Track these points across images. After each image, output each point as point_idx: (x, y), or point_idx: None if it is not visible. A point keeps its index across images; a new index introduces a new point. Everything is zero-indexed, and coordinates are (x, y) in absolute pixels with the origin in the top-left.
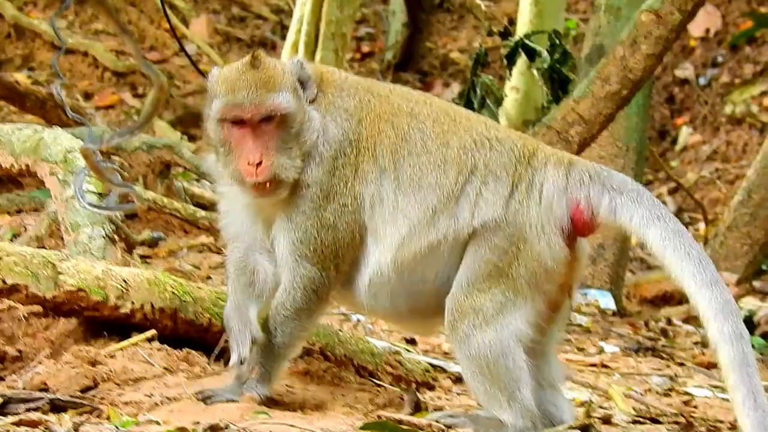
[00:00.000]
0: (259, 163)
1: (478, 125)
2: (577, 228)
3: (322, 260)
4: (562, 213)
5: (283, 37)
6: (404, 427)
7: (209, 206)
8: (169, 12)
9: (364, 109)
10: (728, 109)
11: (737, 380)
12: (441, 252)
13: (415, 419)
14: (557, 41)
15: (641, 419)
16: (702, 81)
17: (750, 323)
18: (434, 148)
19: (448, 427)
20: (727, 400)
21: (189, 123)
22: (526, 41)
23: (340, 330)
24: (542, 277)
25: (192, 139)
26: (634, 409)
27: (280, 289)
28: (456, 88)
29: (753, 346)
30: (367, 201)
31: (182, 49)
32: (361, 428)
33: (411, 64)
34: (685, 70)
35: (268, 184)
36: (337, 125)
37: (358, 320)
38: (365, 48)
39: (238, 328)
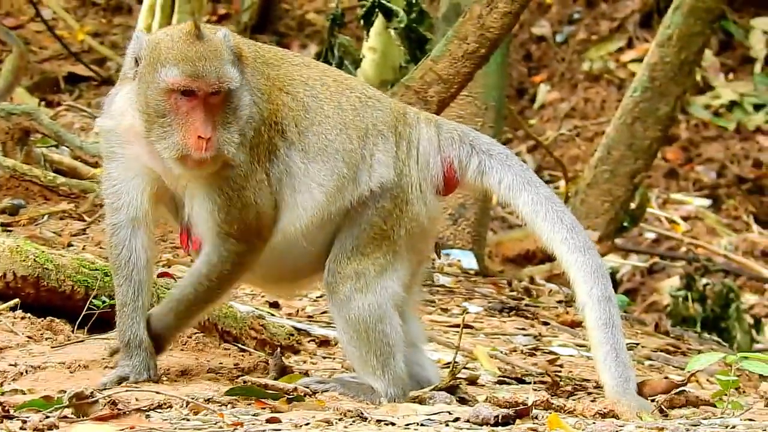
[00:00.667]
0: (209, 139)
1: (356, 84)
2: (446, 187)
3: (247, 236)
4: (437, 172)
5: (140, 1)
6: (270, 391)
7: (69, 173)
8: None
9: (267, 83)
10: (585, 65)
11: (601, 338)
12: (338, 216)
13: (281, 384)
14: (414, 1)
15: (507, 379)
16: (559, 38)
17: (612, 281)
18: (331, 112)
19: (315, 392)
20: (592, 358)
21: (46, 89)
22: (383, 1)
23: None
24: (418, 237)
25: (50, 105)
26: (499, 369)
27: (201, 260)
28: (313, 49)
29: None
30: (281, 174)
31: (38, 14)
32: (227, 393)
33: (268, 26)
34: (542, 28)
35: (205, 161)
36: (254, 104)
37: None
38: (221, 10)
39: (133, 314)
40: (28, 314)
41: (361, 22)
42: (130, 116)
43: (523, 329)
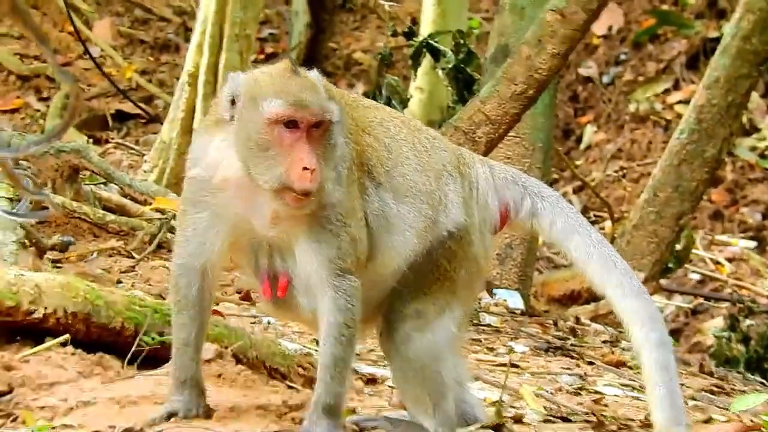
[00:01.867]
0: (313, 170)
1: (420, 126)
2: (498, 228)
3: (358, 270)
4: (495, 212)
5: (187, 39)
6: None
7: (117, 210)
8: (72, 14)
9: (352, 124)
10: (632, 107)
11: (658, 380)
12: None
13: None
14: (461, 41)
15: (552, 418)
16: (605, 79)
17: None
18: (410, 154)
19: (363, 429)
20: (637, 398)
21: (95, 126)
22: (431, 41)
23: (252, 333)
24: (476, 277)
25: (98, 142)
26: (545, 408)
27: (329, 311)
28: (360, 88)
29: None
30: (376, 214)
31: (87, 51)
32: None
33: (315, 65)
34: (589, 69)
35: (308, 195)
36: (345, 143)
37: (269, 322)
38: (269, 49)
39: (194, 355)
40: (79, 350)
41: (409, 62)
42: (227, 164)
43: (569, 369)
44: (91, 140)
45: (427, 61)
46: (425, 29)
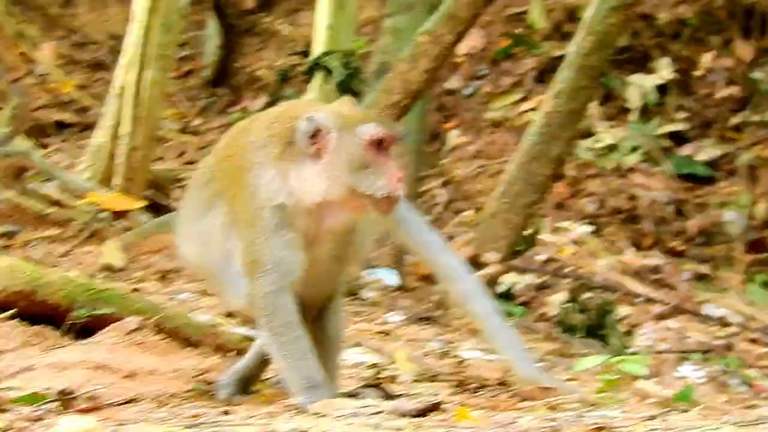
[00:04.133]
0: (401, 177)
1: None
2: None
3: None
4: None
5: (117, 59)
6: None
7: (56, 203)
8: (20, 39)
9: None
10: (489, 114)
11: (505, 340)
12: None
13: None
14: (349, 59)
15: (422, 378)
16: (467, 91)
17: (510, 295)
18: None
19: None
20: (492, 361)
21: (38, 133)
22: (323, 60)
23: (169, 307)
24: None
25: (43, 146)
26: (416, 370)
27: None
28: (262, 100)
29: (514, 314)
30: None
31: (33, 70)
32: (190, 391)
33: (224, 81)
34: (454, 83)
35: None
36: None
37: (183, 299)
38: (185, 67)
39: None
40: (23, 323)
41: (304, 77)
42: (310, 189)
43: (436, 336)
44: (35, 144)
45: (319, 76)
46: (317, 49)
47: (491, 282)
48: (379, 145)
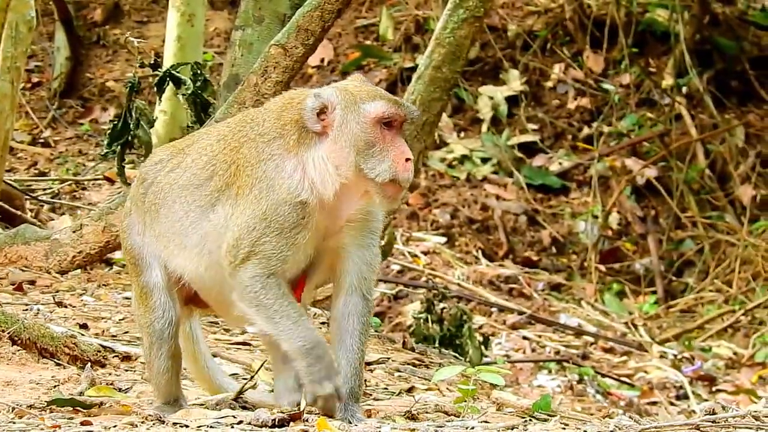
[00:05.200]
0: (409, 159)
1: None
2: None
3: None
4: None
5: None
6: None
7: None
8: None
9: None
10: None
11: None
12: None
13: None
14: (198, 71)
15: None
16: None
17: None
18: None
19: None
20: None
21: None
22: (173, 72)
23: (25, 318)
24: None
25: None
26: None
27: (362, 314)
28: (112, 111)
29: (373, 325)
30: None
31: None
32: (50, 403)
33: (73, 92)
34: None
35: (404, 187)
36: None
37: (38, 310)
38: (35, 78)
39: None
40: None
41: (155, 89)
42: (332, 173)
43: None
44: None
45: (170, 88)
46: (167, 61)
47: None
48: (387, 124)
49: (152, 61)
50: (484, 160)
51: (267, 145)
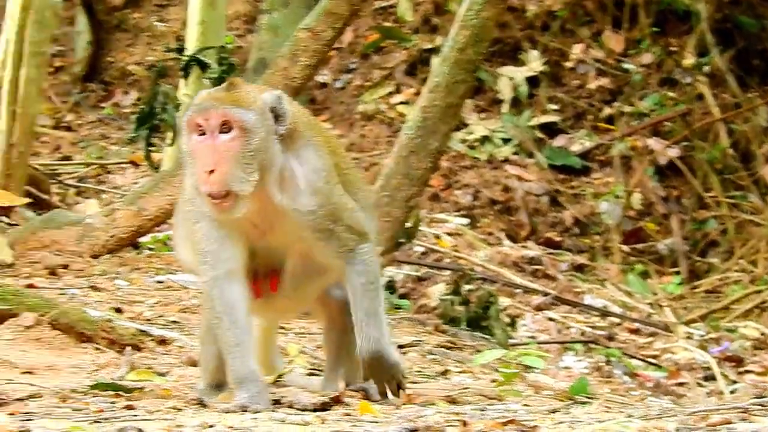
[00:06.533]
0: (212, 172)
1: None
2: None
3: (364, 238)
4: None
5: None
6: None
7: None
8: None
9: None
10: (361, 107)
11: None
12: None
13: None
14: (224, 55)
15: (314, 371)
16: (338, 84)
17: (392, 287)
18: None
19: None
20: None
21: None
22: (199, 56)
23: (62, 303)
24: None
25: None
26: (308, 363)
27: (351, 280)
28: (133, 95)
29: (399, 307)
30: None
31: None
32: (92, 387)
33: (95, 76)
34: (324, 76)
35: (225, 199)
36: (319, 155)
37: (74, 294)
38: (58, 63)
39: (245, 353)
40: None
41: (180, 73)
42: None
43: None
44: None
45: (195, 72)
46: (190, 45)
47: None
48: (198, 133)
49: (178, 46)
50: (505, 141)
51: None
